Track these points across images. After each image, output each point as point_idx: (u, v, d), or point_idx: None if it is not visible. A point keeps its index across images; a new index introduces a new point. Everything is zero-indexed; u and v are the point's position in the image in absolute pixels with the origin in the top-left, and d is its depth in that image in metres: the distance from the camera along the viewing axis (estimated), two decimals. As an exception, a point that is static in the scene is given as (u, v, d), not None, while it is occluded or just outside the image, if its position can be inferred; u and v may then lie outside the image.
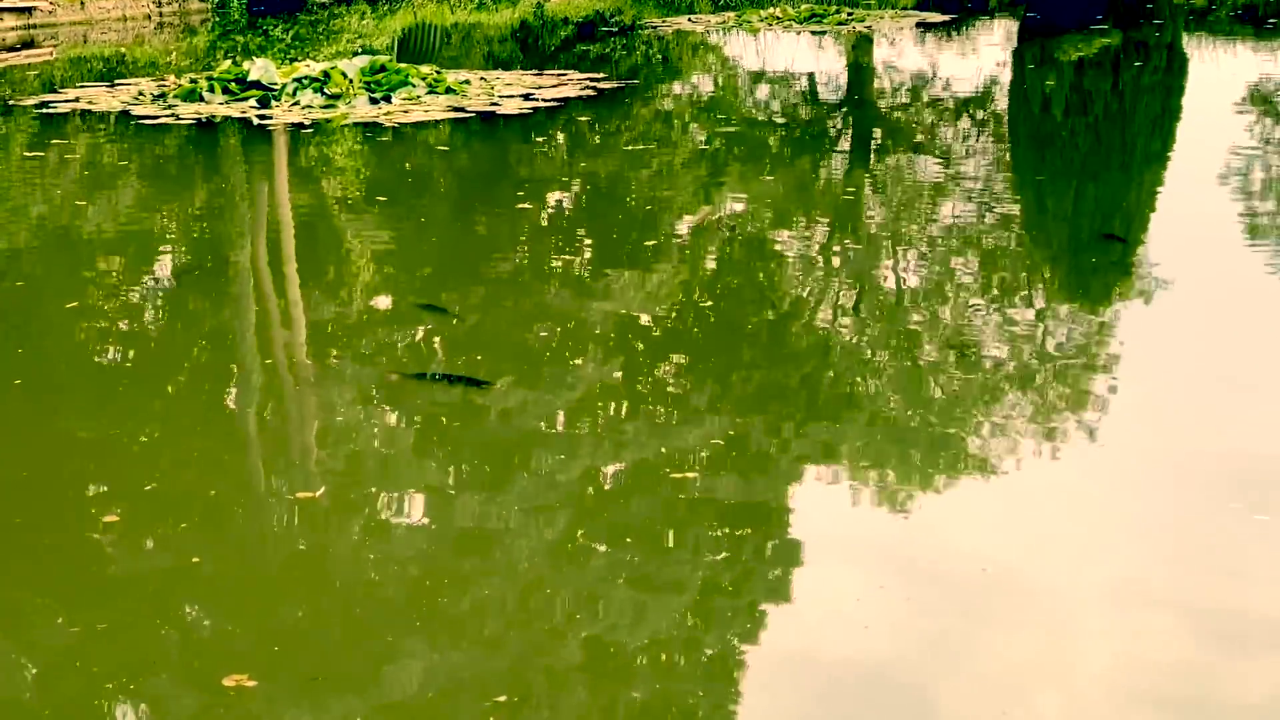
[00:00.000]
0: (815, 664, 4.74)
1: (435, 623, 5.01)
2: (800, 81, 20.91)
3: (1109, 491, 6.04)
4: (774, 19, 28.62)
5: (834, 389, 7.43)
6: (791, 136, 16.25)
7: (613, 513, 5.92)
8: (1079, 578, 5.21)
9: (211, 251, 10.64)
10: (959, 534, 5.67)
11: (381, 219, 11.78)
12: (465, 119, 15.91)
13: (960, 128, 16.49)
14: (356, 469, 6.41)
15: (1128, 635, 4.81)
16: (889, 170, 13.75)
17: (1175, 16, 29.63)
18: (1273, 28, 26.44)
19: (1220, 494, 5.88)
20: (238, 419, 7.13)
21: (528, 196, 12.31)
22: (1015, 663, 4.67)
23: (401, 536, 5.71)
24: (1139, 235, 10.83)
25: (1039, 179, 13.52)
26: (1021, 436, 6.58)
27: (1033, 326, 8.39)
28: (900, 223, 11.35)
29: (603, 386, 7.44)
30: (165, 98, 17.33)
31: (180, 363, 8.01)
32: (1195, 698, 4.47)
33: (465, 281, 9.54)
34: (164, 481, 6.21)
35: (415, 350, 8.07)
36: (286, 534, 5.73)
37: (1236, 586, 5.13)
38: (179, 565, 5.41)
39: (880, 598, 5.09)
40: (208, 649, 4.86)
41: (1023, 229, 11.14)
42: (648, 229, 11.06)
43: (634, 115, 17.36)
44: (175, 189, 13.21)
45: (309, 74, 17.31)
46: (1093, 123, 16.95)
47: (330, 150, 14.85)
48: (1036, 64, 21.93)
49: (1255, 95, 17.86)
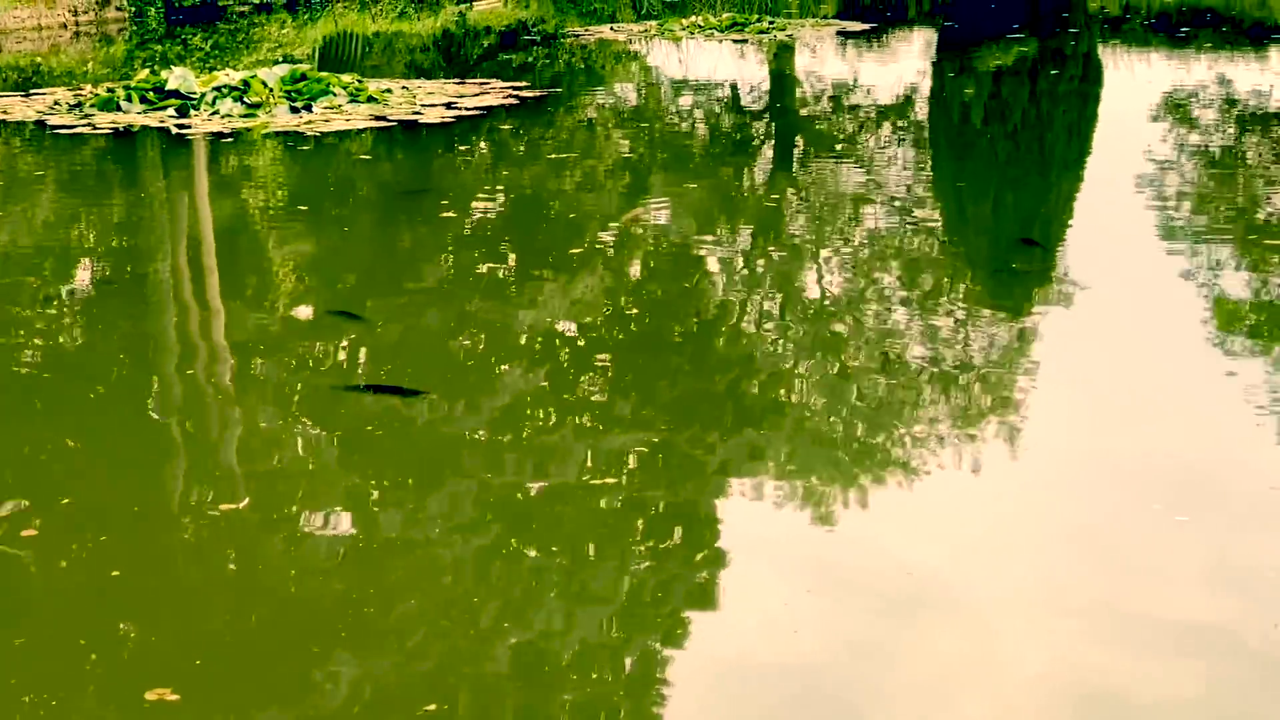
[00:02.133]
0: (744, 669, 4.75)
1: (361, 633, 4.98)
2: (723, 90, 20.99)
3: (1032, 495, 6.10)
4: (696, 27, 28.70)
5: (759, 396, 7.46)
6: (714, 144, 16.31)
7: (539, 521, 5.91)
8: (1003, 582, 5.26)
9: (131, 262, 10.53)
10: (885, 539, 5.70)
11: (303, 228, 11.70)
12: (387, 128, 15.84)
13: (881, 135, 16.60)
14: (280, 480, 6.36)
15: (1052, 639, 4.85)
16: (811, 178, 13.83)
17: (1090, 26, 30.01)
18: (1185, 36, 26.85)
19: (1141, 496, 5.95)
20: (158, 430, 7.05)
21: (451, 205, 12.27)
22: (941, 667, 4.70)
23: (326, 547, 5.67)
24: (1058, 240, 10.96)
25: (959, 186, 13.64)
26: (945, 442, 6.63)
27: (955, 332, 8.46)
28: (823, 230, 11.41)
29: (528, 395, 7.43)
30: (82, 107, 17.13)
31: (100, 374, 7.92)
32: (1119, 701, 4.51)
33: (389, 291, 9.49)
34: (83, 494, 6.13)
35: (337, 360, 8.02)
36: (209, 546, 5.67)
37: (1159, 588, 5.20)
38: (99, 579, 5.34)
39: (808, 603, 5.11)
40: (129, 663, 4.80)
41: (944, 235, 11.23)
42: (572, 237, 11.06)
43: (557, 124, 17.35)
44: (93, 199, 13.06)
45: (228, 83, 17.18)
46: (1011, 130, 17.13)
47: (251, 160, 14.74)
48: (955, 73, 22.13)
49: (1169, 102, 18.13)
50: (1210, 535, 5.62)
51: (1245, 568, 5.34)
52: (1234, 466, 6.32)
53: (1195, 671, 4.66)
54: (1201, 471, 6.26)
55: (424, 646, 4.92)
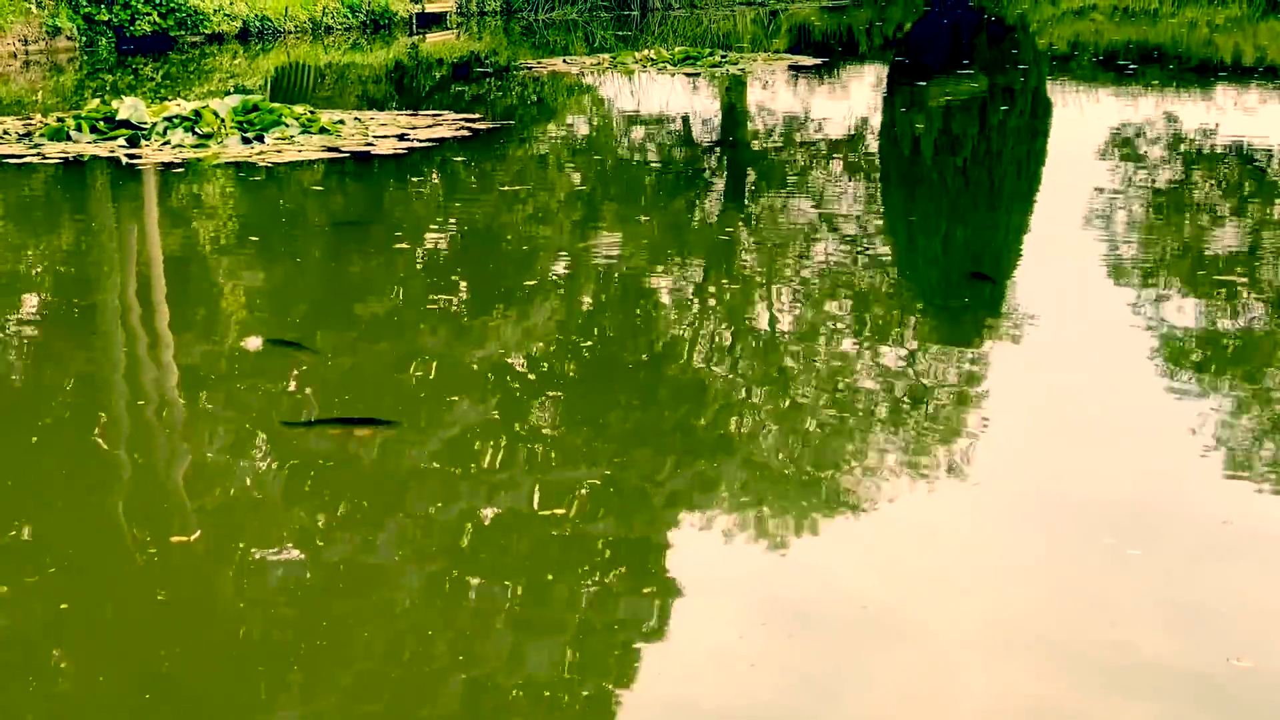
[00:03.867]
0: (697, 704, 4.74)
1: (311, 667, 4.94)
2: (675, 123, 21.06)
3: (983, 528, 6.12)
4: (648, 61, 28.81)
5: (710, 429, 7.46)
6: (667, 178, 16.35)
7: (490, 554, 5.88)
8: (957, 616, 5.26)
9: (79, 292, 10.45)
10: (836, 573, 5.71)
11: (254, 259, 11.65)
12: (340, 159, 15.82)
13: (833, 169, 16.69)
14: (230, 512, 6.32)
15: (1006, 672, 4.87)
16: (763, 211, 13.88)
17: (1039, 62, 30.31)
18: (1132, 74, 27.14)
19: (1092, 529, 5.98)
20: (107, 462, 6.99)
21: (404, 237, 12.25)
22: (895, 700, 4.70)
23: (277, 580, 5.63)
24: (1008, 275, 11.03)
25: (910, 220, 13.72)
26: (896, 475, 6.65)
27: (905, 365, 8.49)
28: (774, 263, 11.45)
29: (479, 427, 7.41)
30: (31, 136, 17.03)
31: (47, 405, 7.85)
32: (1069, 731, 4.53)
33: (339, 321, 9.45)
34: (31, 526, 6.07)
35: (288, 391, 7.98)
36: (160, 579, 5.61)
37: (1111, 622, 5.22)
38: (47, 613, 5.28)
39: (762, 636, 5.10)
40: (78, 697, 4.74)
41: (894, 269, 11.28)
42: (524, 269, 11.05)
43: (509, 156, 17.36)
44: (41, 229, 12.97)
45: (180, 113, 17.12)
46: (961, 165, 17.25)
47: (202, 190, 14.68)
48: (906, 107, 22.28)
49: (1116, 138, 18.31)
50: (1163, 569, 5.65)
51: (1198, 601, 5.37)
52: (1185, 500, 6.36)
53: (1149, 707, 4.68)
54: (1152, 505, 6.29)
55: (374, 679, 4.89)
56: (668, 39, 35.47)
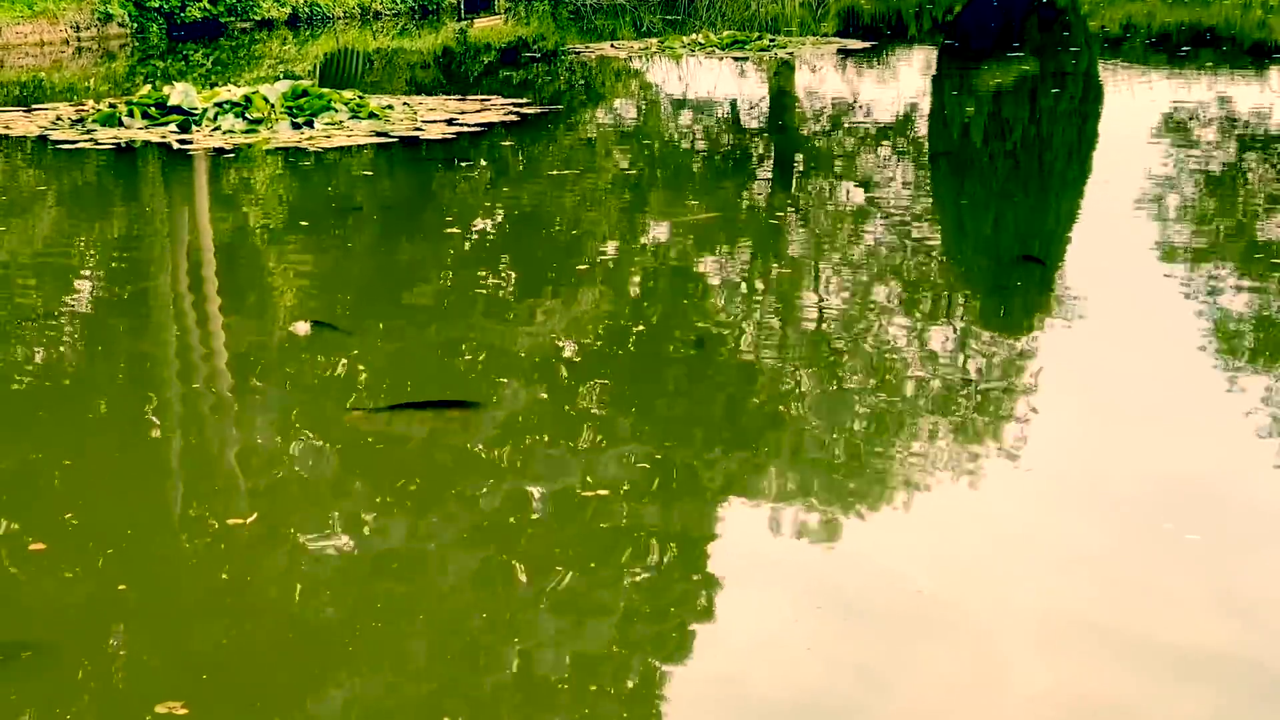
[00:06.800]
0: (746, 690, 4.74)
1: (364, 649, 4.97)
2: (723, 107, 21.01)
3: (1037, 514, 6.09)
4: (696, 45, 28.75)
5: (759, 414, 7.45)
6: (715, 162, 16.32)
7: (539, 539, 5.90)
8: (1010, 604, 5.24)
9: (131, 278, 10.53)
10: (888, 559, 5.69)
11: (304, 245, 11.71)
12: (388, 144, 15.87)
13: (881, 154, 16.63)
14: (284, 495, 6.36)
15: (1061, 661, 4.84)
16: (811, 196, 13.84)
17: (1091, 45, 30.07)
18: (1185, 55, 26.89)
19: (1150, 515, 5.94)
20: (161, 445, 7.05)
21: (453, 222, 12.28)
22: (947, 689, 4.69)
23: (330, 563, 5.66)
24: (1058, 258, 10.96)
25: (959, 204, 13.66)
26: (948, 460, 6.63)
27: (956, 350, 8.46)
28: (823, 248, 11.42)
29: (528, 412, 7.42)
30: (84, 123, 17.16)
31: (101, 390, 7.92)
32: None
33: (388, 308, 9.49)
34: (88, 510, 6.12)
35: (337, 375, 8.01)
36: (216, 560, 5.66)
37: (1171, 609, 5.18)
38: (106, 592, 5.34)
39: (815, 621, 5.10)
40: (138, 676, 4.79)
41: (943, 253, 11.24)
42: (573, 254, 11.07)
43: (557, 141, 17.37)
44: (94, 215, 13.07)
45: (230, 99, 17.20)
46: (1011, 149, 17.15)
47: (252, 175, 14.76)
48: (956, 91, 22.16)
49: (1169, 122, 18.15)
50: (1221, 556, 5.60)
51: (1258, 588, 5.33)
52: (1242, 485, 6.31)
53: (1207, 698, 4.64)
54: (1209, 491, 6.25)
55: (424, 662, 4.91)
56: (716, 23, 35.36)
